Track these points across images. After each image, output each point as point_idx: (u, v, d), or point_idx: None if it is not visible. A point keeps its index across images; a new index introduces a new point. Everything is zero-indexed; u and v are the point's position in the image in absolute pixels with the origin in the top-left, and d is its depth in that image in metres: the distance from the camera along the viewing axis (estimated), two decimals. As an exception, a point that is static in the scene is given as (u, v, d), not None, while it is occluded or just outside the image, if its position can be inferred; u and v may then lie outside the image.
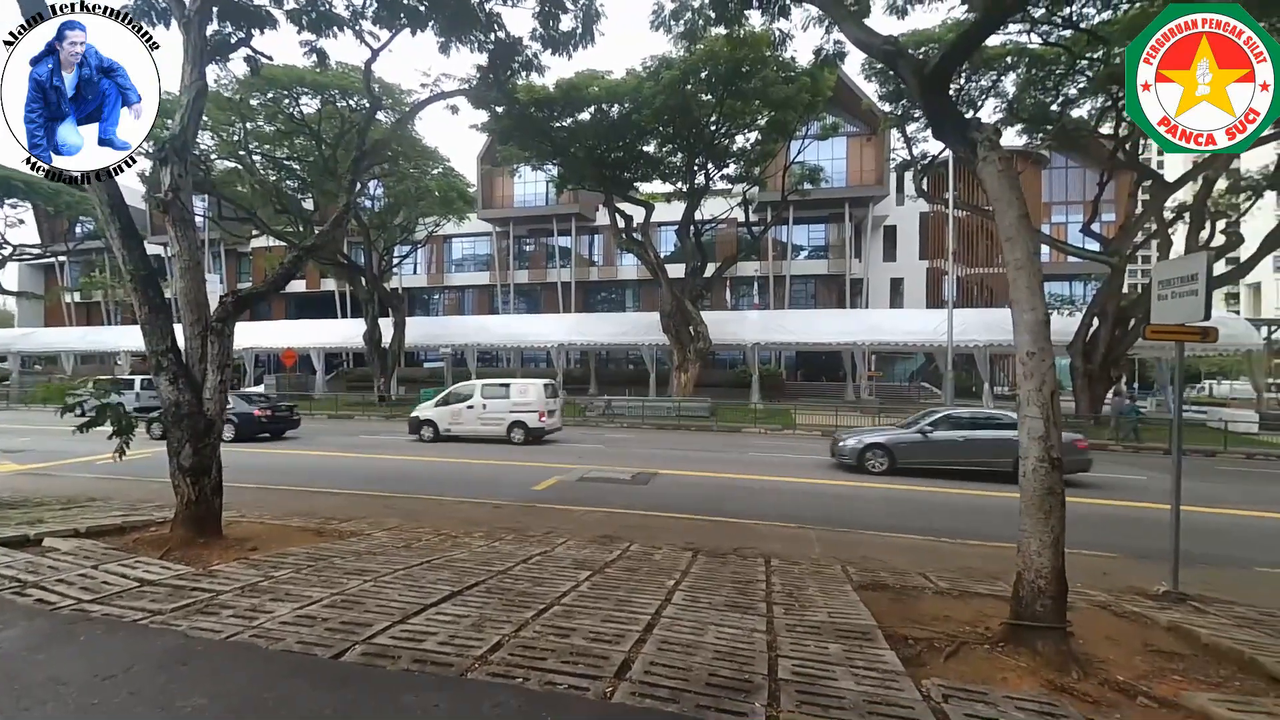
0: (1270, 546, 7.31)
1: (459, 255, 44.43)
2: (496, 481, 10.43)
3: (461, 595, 4.06)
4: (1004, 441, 10.48)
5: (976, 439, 11.32)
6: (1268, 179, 19.31)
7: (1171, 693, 3.29)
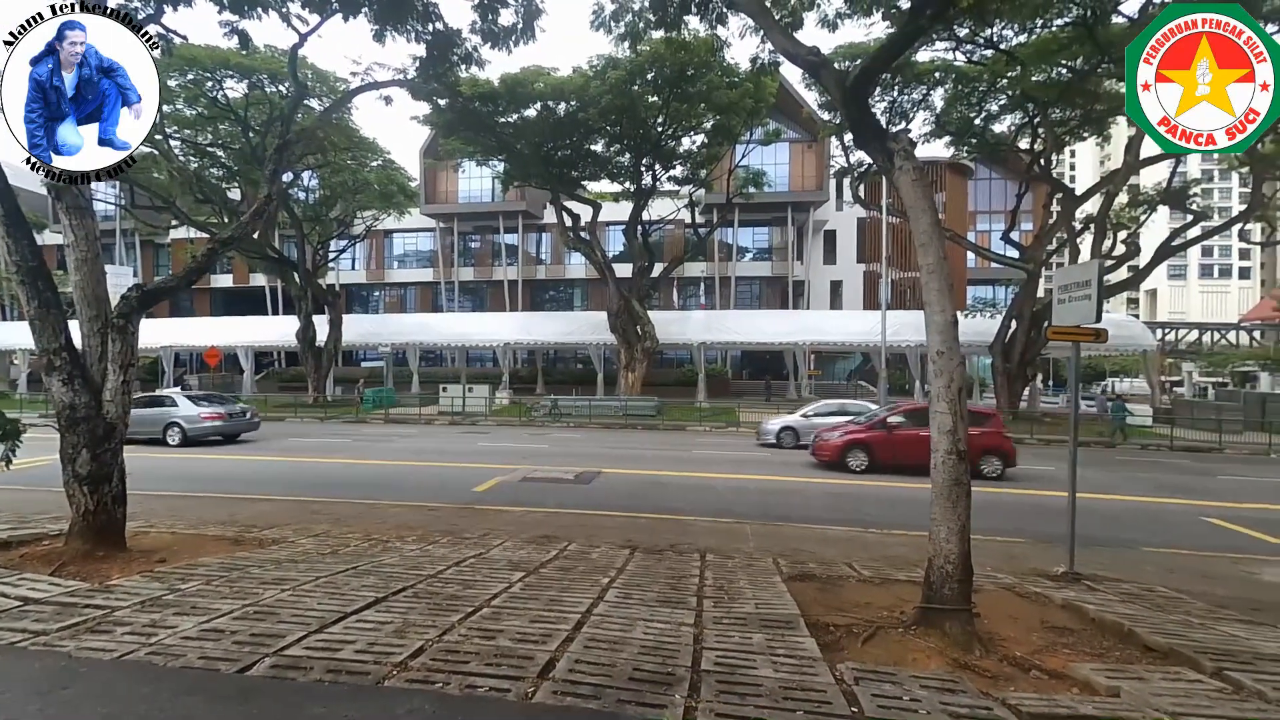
0: (1155, 528, 8.04)
1: (401, 251, 42.99)
2: (436, 484, 10.16)
3: (386, 601, 3.94)
4: None
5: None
6: (1161, 195, 21.21)
7: (1061, 665, 3.56)
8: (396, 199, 28.64)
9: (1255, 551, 7.01)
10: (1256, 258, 71.48)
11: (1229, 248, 72.03)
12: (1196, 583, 5.54)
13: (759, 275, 37.06)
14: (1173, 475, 12.68)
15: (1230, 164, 21.80)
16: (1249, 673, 3.34)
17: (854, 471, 11.65)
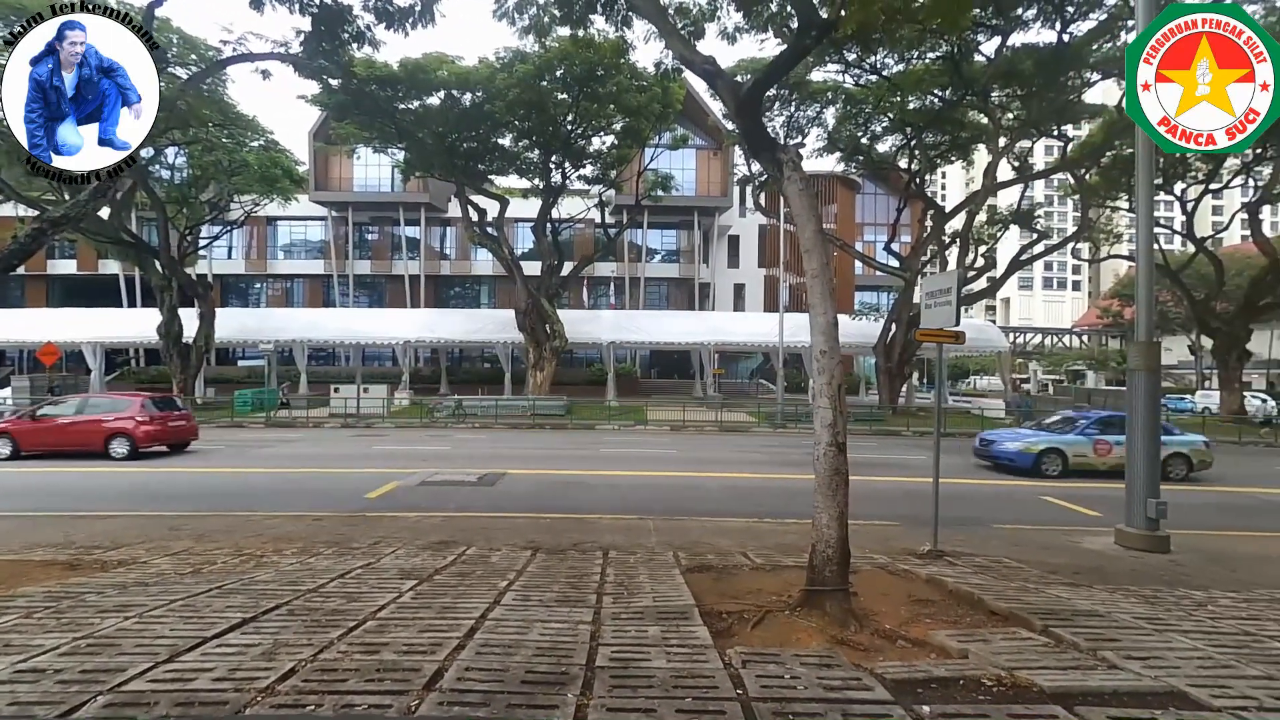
0: (1006, 508, 9.14)
1: (287, 240, 39.50)
2: (323, 492, 9.44)
3: (255, 622, 3.60)
4: None
5: None
6: (1012, 215, 24.15)
7: (922, 634, 3.94)
8: (281, 183, 26.21)
9: (1080, 524, 8.17)
10: (1086, 272, 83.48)
11: (1065, 263, 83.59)
12: (1035, 553, 6.36)
13: (667, 277, 37.88)
14: (1020, 461, 14.46)
15: (1066, 191, 25.24)
16: (1068, 628, 3.88)
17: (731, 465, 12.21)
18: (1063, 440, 12.25)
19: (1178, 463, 11.83)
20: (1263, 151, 21.39)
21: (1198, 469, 12.06)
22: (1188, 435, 12.91)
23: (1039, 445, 12.11)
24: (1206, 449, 12.33)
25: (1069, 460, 11.91)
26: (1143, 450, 6.62)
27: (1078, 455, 11.96)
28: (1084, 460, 11.94)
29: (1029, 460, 11.91)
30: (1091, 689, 2.97)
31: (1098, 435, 12.18)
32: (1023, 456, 12.00)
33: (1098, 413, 14.05)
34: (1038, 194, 52.05)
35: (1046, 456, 11.91)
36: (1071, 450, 11.99)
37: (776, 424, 20.23)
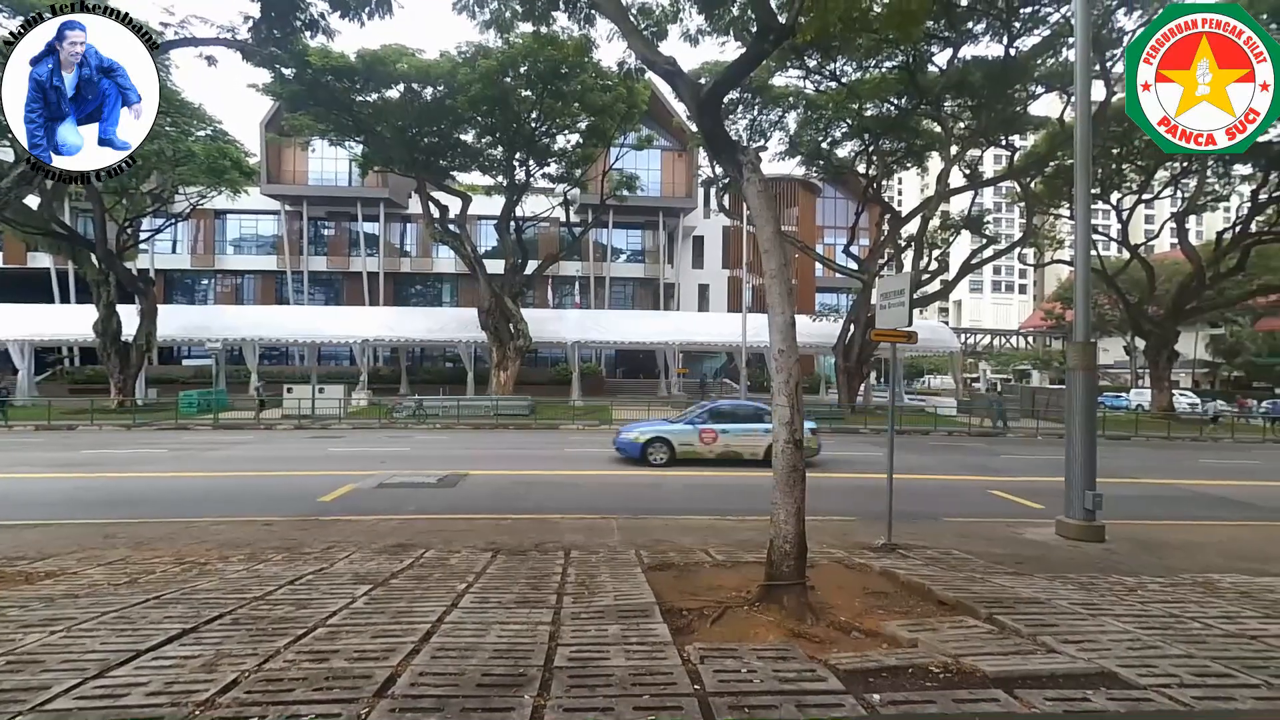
0: (954, 501, 9.50)
1: (237, 234, 37.88)
2: (274, 496, 9.09)
3: (196, 632, 3.44)
4: None
5: None
6: (964, 221, 25.11)
7: (875, 625, 4.06)
8: (229, 175, 25.10)
9: (1023, 516, 8.55)
10: (1031, 277, 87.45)
11: (1013, 268, 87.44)
12: (981, 544, 6.62)
13: (632, 276, 37.93)
14: (969, 456, 15.07)
15: (1013, 198, 26.37)
16: (1011, 615, 4.06)
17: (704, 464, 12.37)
18: (669, 430, 12.39)
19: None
20: (1189, 165, 22.84)
21: (805, 456, 12.38)
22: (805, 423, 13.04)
23: (646, 435, 12.29)
24: (813, 436, 12.42)
25: (675, 449, 12.10)
26: (1080, 444, 6.98)
27: (684, 444, 12.14)
28: (690, 449, 12.14)
29: (636, 449, 12.12)
30: (1031, 672, 3.11)
31: (703, 425, 12.35)
32: (631, 446, 12.22)
33: (715, 403, 14.28)
34: (987, 201, 54.32)
35: (652, 445, 12.09)
36: (678, 439, 12.16)
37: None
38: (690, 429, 12.32)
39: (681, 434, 12.27)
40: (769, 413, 12.50)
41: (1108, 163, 22.28)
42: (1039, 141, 22.11)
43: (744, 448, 12.25)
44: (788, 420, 4.31)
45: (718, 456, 12.14)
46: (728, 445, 12.22)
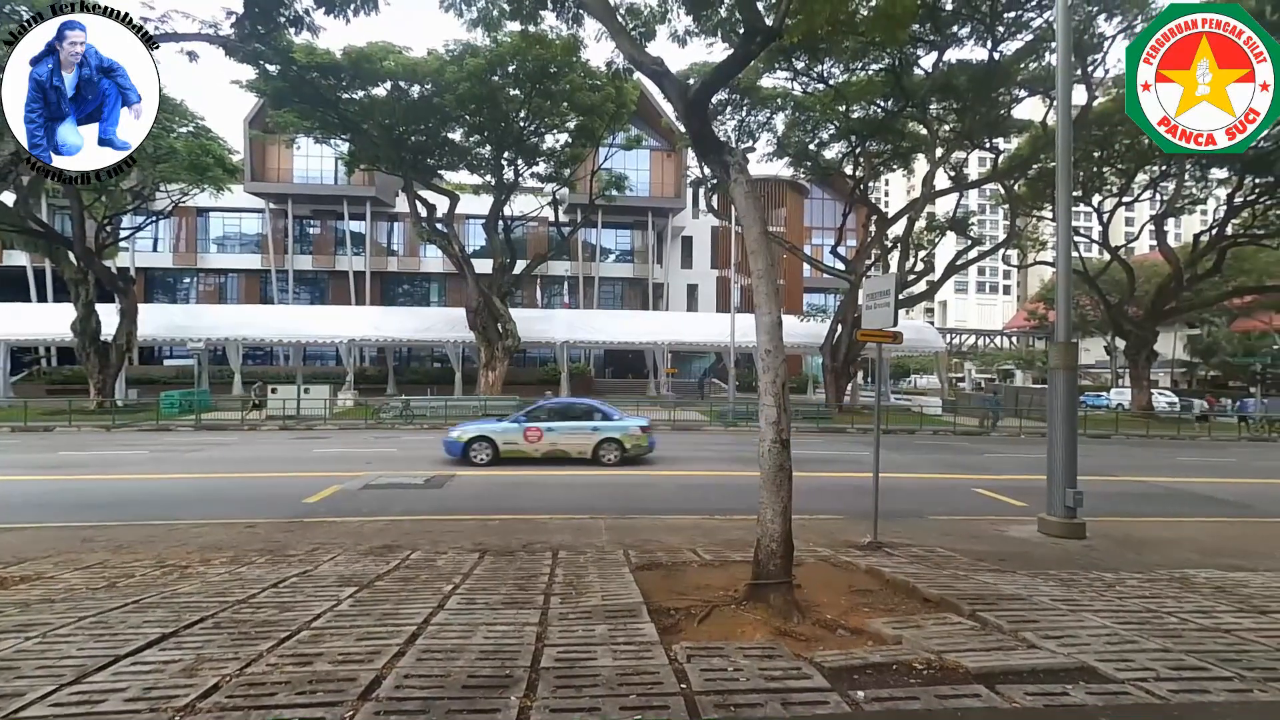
0: (939, 499, 9.61)
1: (220, 233, 37.35)
2: (257, 498, 8.97)
3: (176, 636, 3.39)
4: None
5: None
6: (949, 222, 25.39)
7: (860, 622, 4.09)
8: (212, 172, 24.72)
9: (1007, 513, 8.66)
10: (1015, 277, 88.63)
11: (997, 269, 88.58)
12: (965, 542, 6.70)
13: (621, 276, 37.93)
14: (954, 455, 15.24)
15: (997, 200, 26.72)
16: (993, 611, 4.11)
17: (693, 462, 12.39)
18: (493, 428, 12.20)
19: (611, 447, 12.06)
20: (1168, 168, 23.29)
21: (631, 453, 12.18)
22: (626, 420, 12.72)
23: (469, 434, 12.06)
24: (643, 434, 12.38)
25: (499, 448, 11.88)
26: (1062, 443, 7.09)
27: (508, 443, 11.95)
28: (515, 448, 11.96)
29: (459, 449, 11.91)
30: (1012, 668, 3.16)
31: (528, 423, 12.16)
32: (453, 445, 12.02)
33: (545, 401, 14.10)
34: (972, 203, 55.07)
35: (475, 445, 11.87)
36: (502, 438, 11.96)
37: (728, 422, 20.57)
38: (515, 427, 12.10)
39: (505, 432, 12.04)
40: (600, 411, 12.71)
41: (1089, 166, 22.65)
42: (1022, 144, 22.42)
43: (571, 446, 12.09)
44: (774, 419, 4.33)
45: (544, 455, 11.97)
46: (554, 444, 12.05)
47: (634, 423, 12.68)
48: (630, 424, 12.55)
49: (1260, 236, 24.58)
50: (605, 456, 12.02)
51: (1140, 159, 22.27)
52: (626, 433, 12.25)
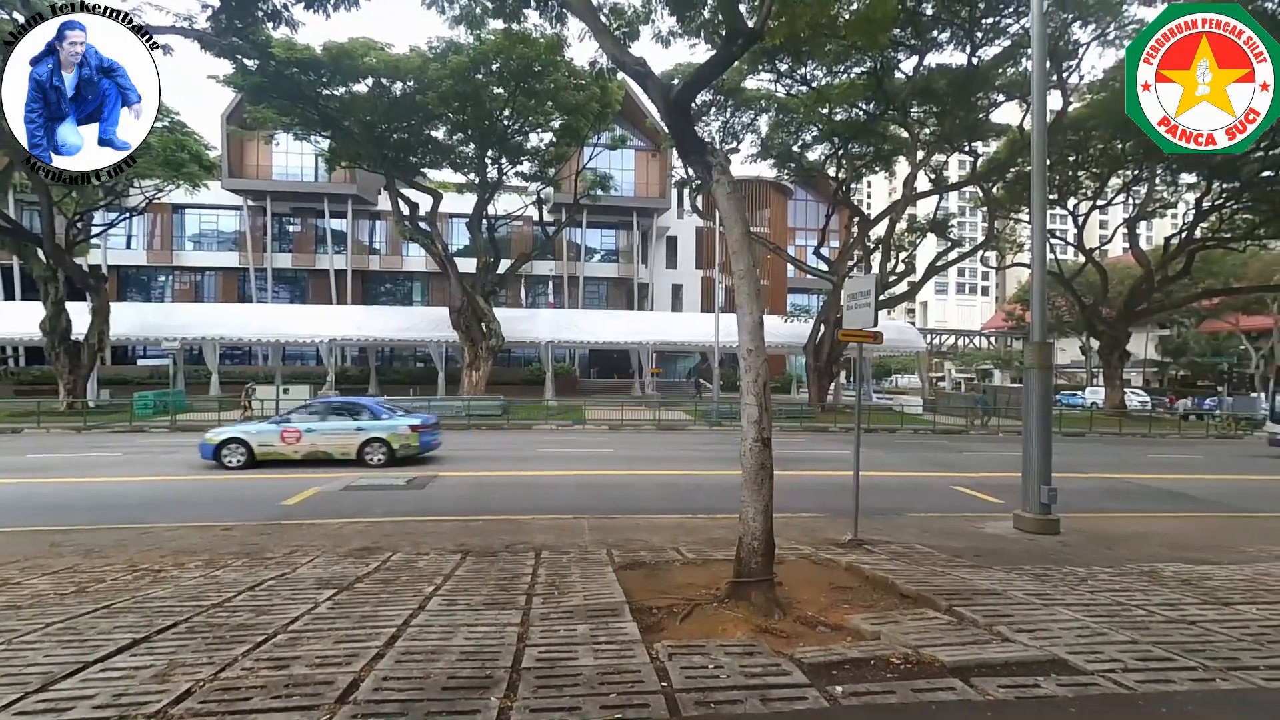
0: (919, 497, 9.75)
1: (196, 230, 36.62)
2: (234, 500, 8.82)
3: (148, 641, 3.32)
4: None
5: None
6: (929, 224, 25.76)
7: (840, 619, 4.15)
8: (188, 168, 24.23)
9: (984, 510, 8.82)
10: (993, 279, 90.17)
11: (976, 270, 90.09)
12: (943, 539, 6.81)
13: (606, 276, 37.88)
14: (934, 453, 15.47)
15: (976, 203, 27.16)
16: (969, 606, 4.19)
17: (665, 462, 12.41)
18: (247, 430, 11.78)
19: (377, 448, 11.59)
20: (1140, 173, 23.87)
21: (401, 454, 11.71)
22: (395, 419, 12.15)
23: (221, 436, 11.57)
24: (413, 433, 11.85)
25: (255, 450, 11.37)
26: (1037, 441, 7.23)
27: (264, 445, 11.45)
28: (272, 450, 11.45)
29: (210, 451, 11.38)
30: (986, 661, 3.22)
31: (286, 424, 11.71)
32: (206, 448, 11.46)
33: (310, 401, 13.31)
34: (952, 205, 55.94)
35: (227, 447, 11.35)
36: (257, 440, 11.47)
37: (712, 422, 20.67)
38: (272, 429, 11.64)
39: (261, 434, 11.57)
40: (368, 410, 12.13)
41: (1064, 170, 23.13)
42: (1000, 148, 22.83)
43: (334, 447, 11.61)
44: (756, 419, 4.37)
45: (304, 457, 11.47)
46: (314, 445, 11.55)
47: (403, 422, 12.03)
48: (399, 423, 11.92)
49: (1227, 240, 25.31)
50: (371, 458, 11.50)
51: (1113, 163, 22.82)
52: (394, 432, 11.69)
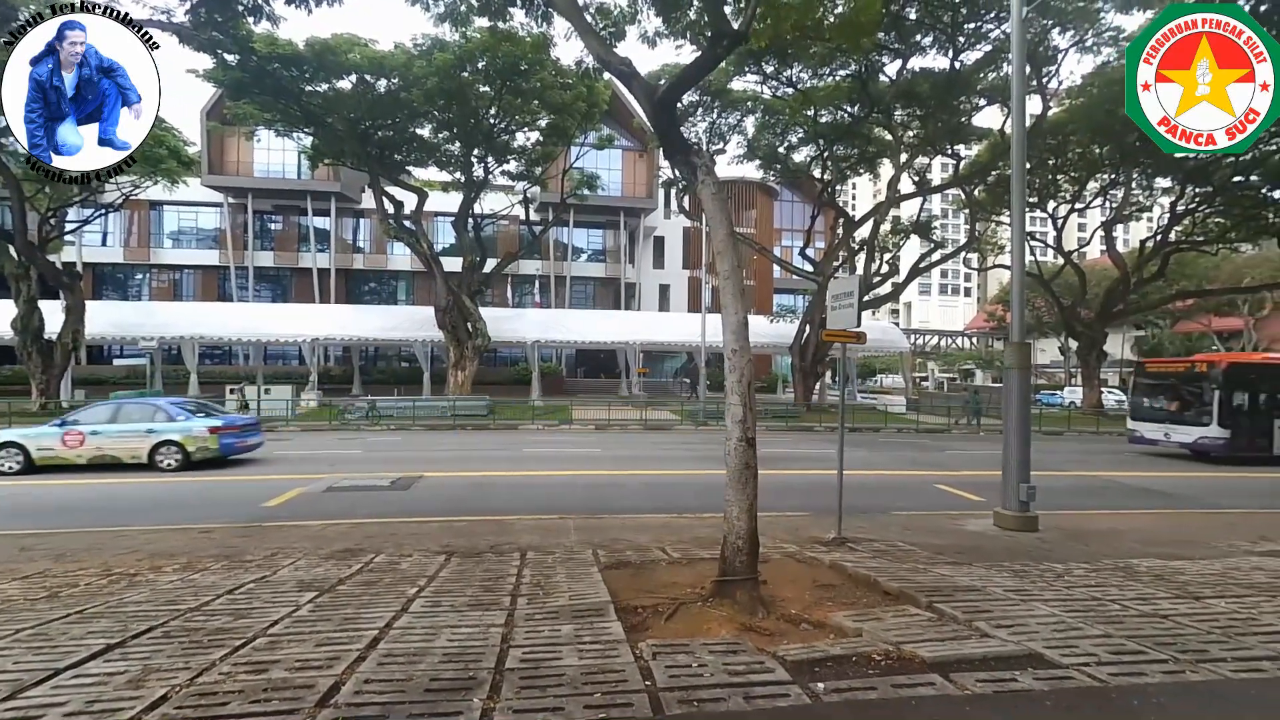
0: (902, 495, 9.86)
1: (175, 227, 35.95)
2: (213, 500, 8.68)
3: (123, 647, 3.26)
4: None
5: None
6: (913, 226, 26.08)
7: (823, 616, 4.18)
8: (166, 164, 23.77)
9: (965, 508, 8.95)
10: (975, 280, 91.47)
11: (958, 271, 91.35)
12: (925, 536, 6.90)
13: (593, 276, 37.82)
14: (917, 452, 15.67)
15: (958, 205, 27.52)
16: (949, 603, 4.25)
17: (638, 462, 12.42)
18: (25, 434, 11.04)
19: (170, 450, 11.07)
20: (1116, 177, 24.36)
21: (198, 457, 11.19)
22: (191, 421, 11.49)
23: None
24: (211, 436, 11.29)
25: (33, 455, 10.68)
26: (1016, 440, 7.35)
27: (43, 449, 10.77)
28: (53, 454, 10.79)
29: None
30: (965, 656, 3.27)
31: (71, 426, 10.99)
32: None
33: (101, 403, 12.79)
34: (935, 207, 56.61)
35: (3, 451, 10.63)
36: (35, 444, 10.78)
37: (699, 422, 20.72)
38: (54, 431, 10.93)
39: (40, 437, 10.87)
40: (163, 412, 11.39)
41: (1044, 174, 23.54)
42: (982, 151, 23.17)
43: (122, 450, 10.99)
44: (740, 418, 4.39)
45: (89, 461, 10.86)
46: (100, 448, 10.89)
47: (199, 423, 11.42)
48: (194, 425, 11.32)
49: (1200, 243, 25.93)
50: (163, 461, 10.96)
51: (1091, 167, 23.26)
52: (189, 434, 11.14)
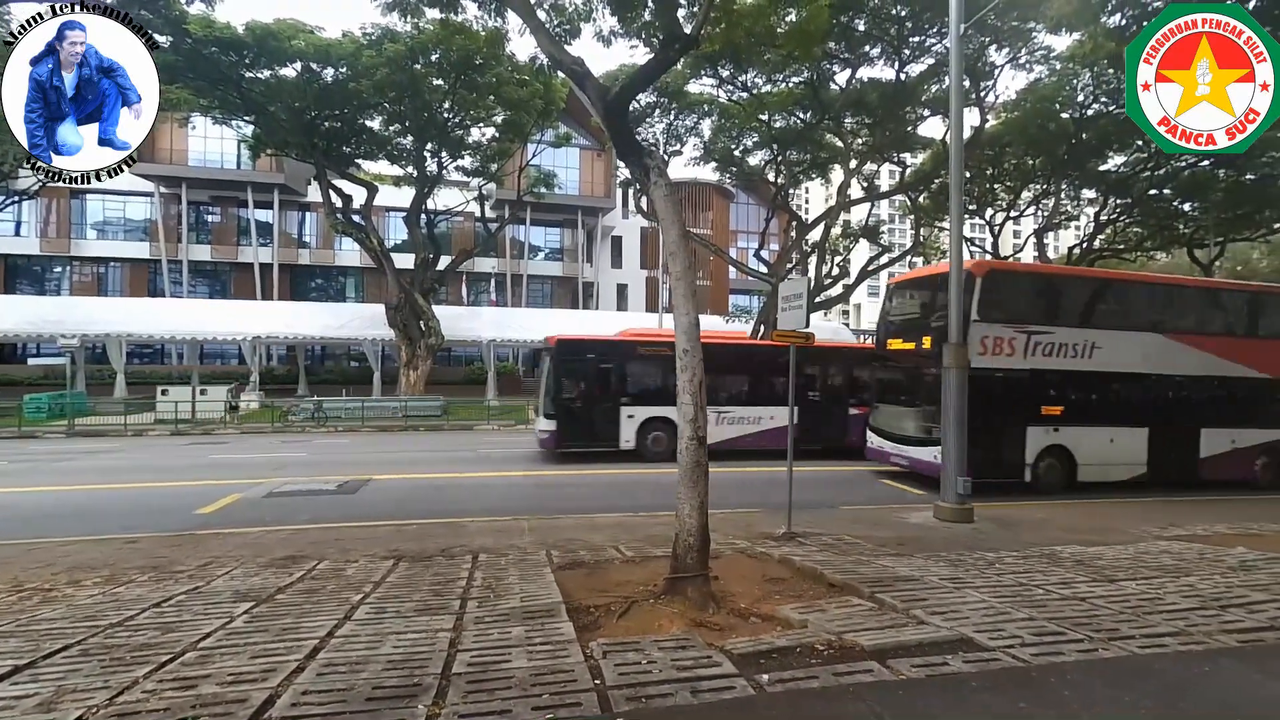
0: (849, 489, 10.17)
1: (100, 218, 33.59)
2: (140, 509, 8.15)
3: (33, 668, 3.04)
4: None
5: None
6: (862, 230, 26.96)
7: (771, 609, 4.29)
8: (88, 150, 22.16)
9: (908, 502, 9.34)
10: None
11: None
12: (870, 529, 7.16)
13: (550, 275, 37.48)
14: (866, 449, 16.20)
15: (904, 211, 28.60)
16: (890, 592, 4.43)
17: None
18: None
19: None
20: (1047, 187, 25.86)
21: None
22: None
23: None
24: None
25: None
26: (954, 436, 7.72)
27: None
28: None
29: None
30: (902, 643, 3.43)
31: None
32: None
33: None
34: (883, 212, 58.45)
35: None
36: None
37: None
38: None
39: None
40: None
41: (982, 183, 24.72)
42: (925, 160, 24.15)
43: None
44: (691, 417, 4.46)
45: None
46: None
47: None
48: None
49: (1120, 250, 27.82)
50: None
51: (1025, 177, 24.58)
52: None
